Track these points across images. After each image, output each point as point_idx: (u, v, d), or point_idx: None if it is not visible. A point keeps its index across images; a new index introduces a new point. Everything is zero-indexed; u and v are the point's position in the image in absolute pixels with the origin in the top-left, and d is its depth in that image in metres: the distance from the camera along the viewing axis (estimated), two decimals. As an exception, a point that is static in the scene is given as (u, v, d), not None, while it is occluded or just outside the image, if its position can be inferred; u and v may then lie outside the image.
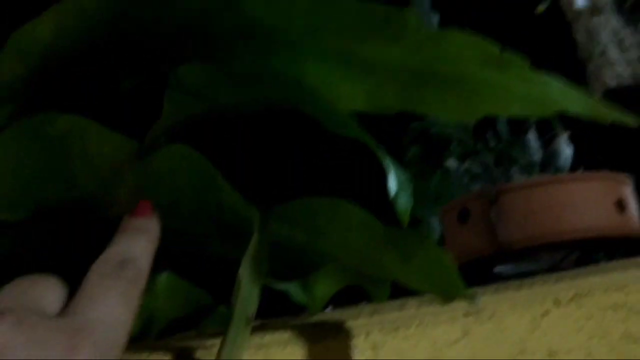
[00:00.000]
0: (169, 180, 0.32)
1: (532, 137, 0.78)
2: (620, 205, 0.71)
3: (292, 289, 0.36)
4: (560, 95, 0.29)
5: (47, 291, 0.24)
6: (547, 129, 0.81)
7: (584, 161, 0.79)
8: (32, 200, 0.35)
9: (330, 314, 0.36)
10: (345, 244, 0.28)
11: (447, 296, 0.28)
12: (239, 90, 0.27)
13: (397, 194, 0.24)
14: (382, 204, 0.29)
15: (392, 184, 0.24)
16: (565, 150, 0.77)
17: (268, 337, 0.31)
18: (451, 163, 0.88)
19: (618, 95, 0.91)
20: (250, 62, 0.29)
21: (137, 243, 0.27)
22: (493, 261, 0.76)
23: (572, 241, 0.70)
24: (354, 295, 0.42)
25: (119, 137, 0.33)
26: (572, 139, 0.81)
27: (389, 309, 0.36)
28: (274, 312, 0.37)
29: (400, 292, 0.40)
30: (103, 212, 0.35)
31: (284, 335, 0.31)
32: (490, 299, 0.38)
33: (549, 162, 0.76)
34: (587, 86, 0.92)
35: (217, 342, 0.31)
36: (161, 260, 0.41)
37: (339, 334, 0.32)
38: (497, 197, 0.72)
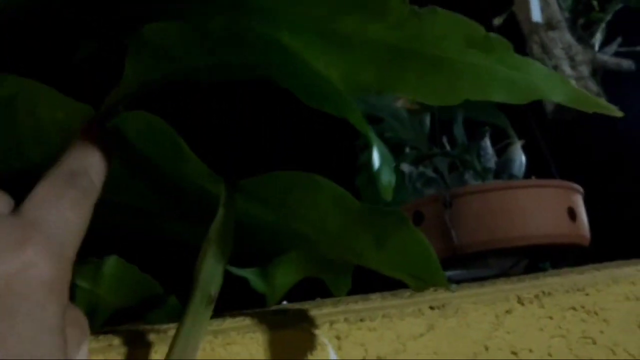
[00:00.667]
0: (127, 151, 0.30)
1: (487, 144, 0.79)
2: (572, 214, 0.72)
3: (251, 276, 0.34)
4: (543, 82, 0.28)
5: None
6: (501, 137, 0.81)
7: (536, 171, 0.80)
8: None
9: (292, 305, 0.34)
10: (318, 223, 0.27)
11: (424, 282, 0.26)
12: (216, 52, 0.25)
13: (380, 168, 0.22)
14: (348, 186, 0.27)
15: (376, 157, 0.22)
16: (519, 158, 0.77)
17: (227, 323, 0.29)
18: (405, 167, 0.87)
19: (569, 110, 0.93)
20: (223, 25, 0.27)
21: (89, 158, 0.26)
22: (445, 266, 0.75)
23: (524, 247, 0.71)
24: (310, 292, 0.40)
25: (72, 102, 0.30)
26: (525, 149, 0.81)
27: (353, 301, 0.34)
28: (231, 303, 0.34)
29: (359, 288, 0.38)
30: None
31: (244, 322, 0.29)
32: (454, 295, 0.37)
33: (502, 169, 0.76)
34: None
35: (172, 326, 0.29)
36: (107, 244, 0.39)
37: (302, 322, 0.30)
38: (451, 200, 0.72)
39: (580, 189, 0.74)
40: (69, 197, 0.23)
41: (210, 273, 0.24)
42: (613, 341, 0.44)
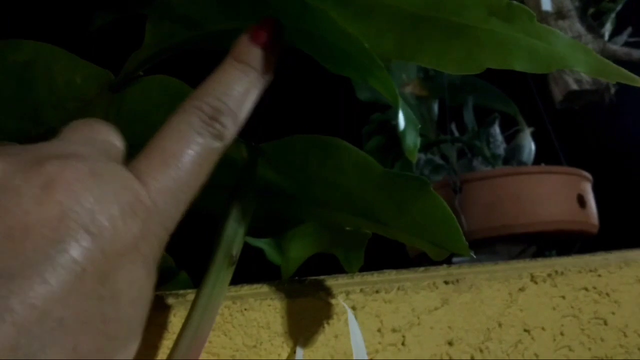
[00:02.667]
0: (145, 116, 0.30)
1: (496, 131, 0.78)
2: (581, 201, 0.72)
3: (267, 247, 0.34)
4: (566, 51, 0.28)
5: (113, 138, 0.22)
6: (510, 124, 0.81)
7: (545, 158, 0.80)
8: (-5, 133, 0.32)
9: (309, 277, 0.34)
10: (338, 189, 0.27)
11: (446, 249, 0.26)
12: (238, 17, 0.25)
13: (405, 129, 0.22)
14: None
15: (401, 119, 0.22)
16: (529, 145, 0.77)
17: (245, 290, 0.29)
18: (413, 154, 0.87)
19: (578, 99, 0.92)
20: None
21: (241, 91, 0.23)
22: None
23: (532, 234, 0.71)
24: (324, 270, 0.40)
25: (91, 66, 0.30)
26: (534, 137, 0.81)
27: (368, 274, 0.34)
28: (248, 275, 0.34)
29: (371, 267, 0.38)
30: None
31: (262, 289, 0.29)
32: (469, 270, 0.37)
33: (512, 156, 0.76)
34: (548, 88, 0.94)
35: (190, 291, 0.29)
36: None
37: (319, 291, 0.30)
38: (461, 186, 0.72)
39: (590, 176, 0.74)
40: (196, 150, 0.21)
41: (232, 234, 0.24)
42: (624, 323, 0.44)
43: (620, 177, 0.97)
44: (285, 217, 0.31)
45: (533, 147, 0.78)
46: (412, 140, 0.22)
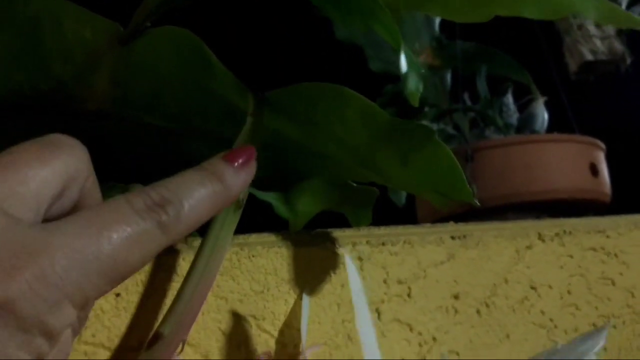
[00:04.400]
0: (154, 69, 0.30)
1: (509, 100, 0.78)
2: (594, 169, 0.71)
3: (275, 201, 0.35)
4: (575, -4, 0.28)
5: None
6: (523, 94, 0.81)
7: (558, 128, 0.79)
8: (6, 87, 0.32)
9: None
10: (344, 138, 0.27)
11: (450, 197, 0.26)
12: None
13: (407, 73, 0.22)
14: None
15: (403, 62, 0.22)
16: (542, 114, 0.77)
17: (253, 238, 0.29)
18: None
19: (594, 69, 0.91)
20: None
21: (199, 193, 0.21)
22: (464, 220, 0.75)
23: (544, 202, 0.70)
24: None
25: (100, 19, 0.30)
26: (548, 106, 0.81)
27: (375, 228, 0.35)
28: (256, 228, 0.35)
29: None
30: (78, 105, 0.32)
31: (270, 238, 0.30)
32: (476, 227, 0.37)
33: (524, 125, 0.76)
34: (563, 60, 0.92)
35: (198, 238, 0.29)
36: (133, 173, 0.39)
37: (326, 241, 0.31)
38: (473, 154, 0.72)
39: (603, 145, 0.73)
40: (138, 230, 0.20)
41: (239, 178, 0.25)
42: (632, 284, 0.44)
43: (635, 148, 0.96)
44: (292, 169, 0.31)
45: (546, 116, 0.77)
46: (413, 84, 0.22)
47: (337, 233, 0.32)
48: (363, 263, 0.32)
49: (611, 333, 0.42)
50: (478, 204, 0.26)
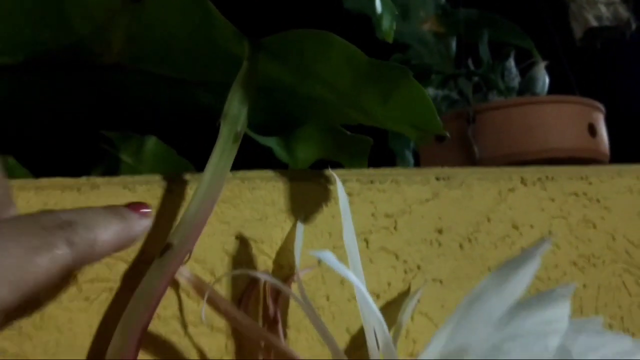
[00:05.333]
0: (163, 23, 0.33)
1: (511, 64, 0.80)
2: (592, 130, 0.74)
3: (275, 145, 0.38)
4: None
5: None
6: (525, 57, 0.83)
7: (559, 91, 0.81)
8: (29, 43, 0.36)
9: (311, 171, 0.38)
10: (331, 80, 0.30)
11: (424, 131, 0.30)
12: None
13: (381, 14, 0.25)
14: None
15: (378, 4, 0.25)
16: (543, 77, 0.79)
17: (253, 173, 0.33)
18: (430, 91, 0.89)
19: (599, 36, 0.93)
20: None
21: (106, 223, 0.23)
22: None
23: (543, 161, 0.73)
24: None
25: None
26: (549, 70, 0.83)
27: (364, 169, 0.38)
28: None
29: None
30: (96, 59, 0.36)
31: (269, 174, 0.33)
32: (460, 170, 0.41)
33: (526, 88, 0.78)
34: (568, 25, 0.94)
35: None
36: (147, 124, 0.43)
37: (320, 178, 0.34)
38: (474, 116, 0.75)
39: (602, 107, 0.76)
40: (38, 242, 0.20)
41: (237, 113, 0.28)
42: (613, 227, 0.47)
43: (636, 113, 0.98)
44: (288, 114, 0.35)
45: (547, 79, 0.79)
46: (387, 24, 0.25)
47: (329, 172, 0.36)
48: (353, 198, 0.35)
49: (591, 272, 0.45)
50: (447, 135, 0.29)
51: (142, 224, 0.26)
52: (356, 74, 0.29)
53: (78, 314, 0.27)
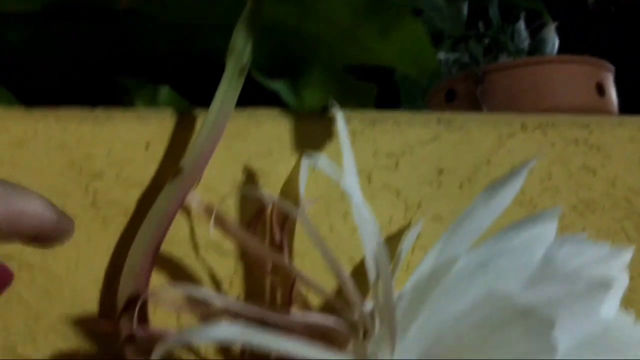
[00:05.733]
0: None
1: (521, 26, 0.81)
2: (601, 89, 0.74)
3: (282, 88, 0.40)
4: None
5: None
6: (535, 19, 0.83)
7: (569, 53, 0.82)
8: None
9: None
10: (331, 18, 0.32)
11: (420, 68, 0.31)
12: None
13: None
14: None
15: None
16: (552, 38, 0.79)
17: (260, 111, 0.35)
18: (441, 55, 0.90)
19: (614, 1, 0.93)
20: None
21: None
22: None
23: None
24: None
25: None
26: (559, 32, 0.83)
27: (366, 111, 0.40)
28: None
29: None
30: (111, 5, 0.38)
31: (275, 112, 0.35)
32: (461, 115, 0.42)
33: (535, 49, 0.79)
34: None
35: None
36: (161, 73, 0.45)
37: (323, 118, 0.36)
38: (483, 77, 0.76)
39: (611, 66, 0.76)
40: None
41: (242, 46, 0.30)
42: (614, 175, 0.48)
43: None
44: (292, 55, 0.37)
45: (557, 41, 0.80)
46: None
47: (333, 112, 0.37)
48: (355, 137, 0.37)
49: (590, 217, 0.47)
50: (443, 72, 0.31)
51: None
52: (355, 10, 0.31)
53: (96, 234, 0.29)
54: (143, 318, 0.27)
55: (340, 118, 0.32)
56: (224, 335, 0.21)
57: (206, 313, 0.27)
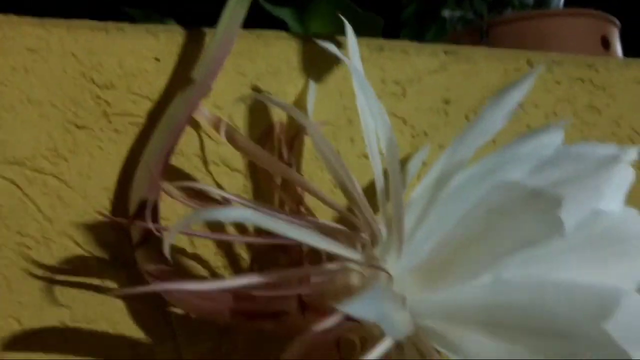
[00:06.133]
0: None
1: (527, -19, 0.80)
2: (605, 43, 0.74)
3: (289, 16, 0.40)
4: None
5: None
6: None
7: (575, 6, 0.81)
8: None
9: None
10: None
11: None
12: None
13: None
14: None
15: None
16: (558, -7, 0.79)
17: (269, 32, 0.35)
18: (446, 13, 0.90)
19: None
20: None
21: None
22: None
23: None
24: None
25: None
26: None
27: (374, 39, 0.40)
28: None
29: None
30: None
31: (283, 34, 0.35)
32: (468, 48, 0.42)
33: (541, 5, 0.79)
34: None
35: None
36: (167, 4, 0.45)
37: (330, 42, 0.36)
38: (488, 30, 0.75)
39: (616, 20, 0.76)
40: None
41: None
42: (619, 115, 0.48)
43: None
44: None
45: (562, -4, 0.80)
46: None
47: (340, 38, 0.37)
48: (362, 64, 0.37)
49: (595, 156, 0.47)
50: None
51: None
52: None
53: (108, 143, 0.29)
54: (155, 220, 0.27)
55: (350, 32, 0.32)
56: (236, 216, 0.21)
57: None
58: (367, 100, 0.26)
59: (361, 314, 0.18)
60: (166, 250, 0.22)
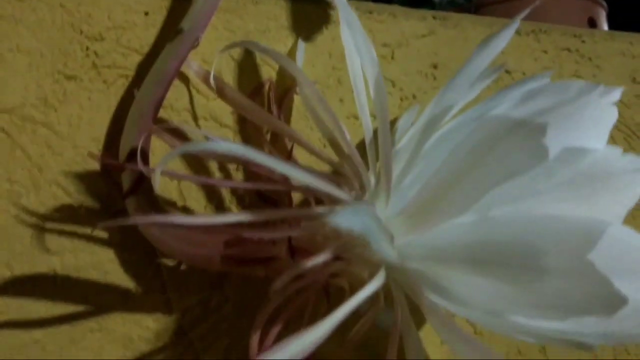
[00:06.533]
0: None
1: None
2: (592, 23, 0.75)
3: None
4: None
5: None
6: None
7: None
8: None
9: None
10: None
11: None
12: None
13: None
14: None
15: None
16: (546, -25, 0.80)
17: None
18: (437, -3, 0.90)
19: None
20: None
21: None
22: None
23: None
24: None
25: None
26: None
27: (363, 3, 0.40)
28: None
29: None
30: None
31: (273, -6, 0.35)
32: (456, 14, 0.43)
33: (529, -13, 0.79)
34: None
35: None
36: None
37: (321, 3, 0.36)
38: (476, 11, 0.76)
39: (604, 2, 0.77)
40: None
41: None
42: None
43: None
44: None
45: (552, -22, 0.80)
46: None
47: None
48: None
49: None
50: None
51: None
52: None
53: (97, 94, 0.30)
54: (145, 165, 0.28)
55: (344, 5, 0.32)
56: (227, 149, 0.21)
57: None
58: (352, 33, 0.26)
59: (347, 224, 0.18)
60: (155, 185, 0.22)
